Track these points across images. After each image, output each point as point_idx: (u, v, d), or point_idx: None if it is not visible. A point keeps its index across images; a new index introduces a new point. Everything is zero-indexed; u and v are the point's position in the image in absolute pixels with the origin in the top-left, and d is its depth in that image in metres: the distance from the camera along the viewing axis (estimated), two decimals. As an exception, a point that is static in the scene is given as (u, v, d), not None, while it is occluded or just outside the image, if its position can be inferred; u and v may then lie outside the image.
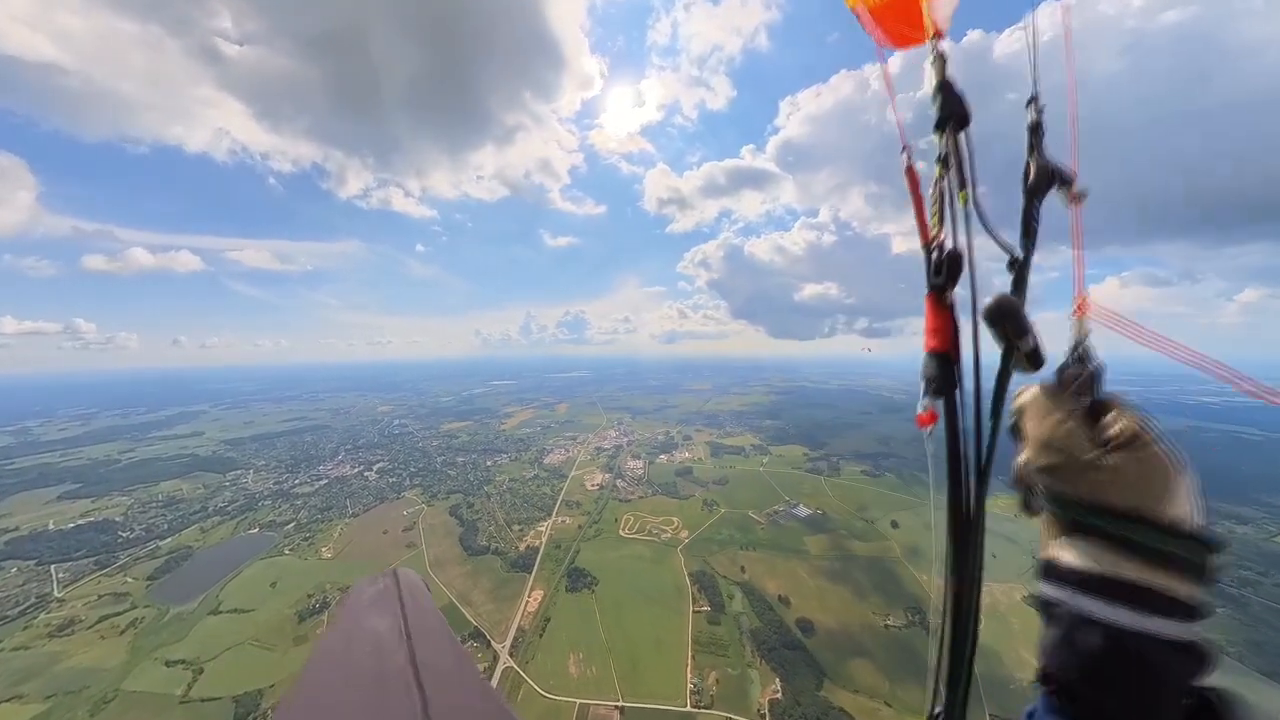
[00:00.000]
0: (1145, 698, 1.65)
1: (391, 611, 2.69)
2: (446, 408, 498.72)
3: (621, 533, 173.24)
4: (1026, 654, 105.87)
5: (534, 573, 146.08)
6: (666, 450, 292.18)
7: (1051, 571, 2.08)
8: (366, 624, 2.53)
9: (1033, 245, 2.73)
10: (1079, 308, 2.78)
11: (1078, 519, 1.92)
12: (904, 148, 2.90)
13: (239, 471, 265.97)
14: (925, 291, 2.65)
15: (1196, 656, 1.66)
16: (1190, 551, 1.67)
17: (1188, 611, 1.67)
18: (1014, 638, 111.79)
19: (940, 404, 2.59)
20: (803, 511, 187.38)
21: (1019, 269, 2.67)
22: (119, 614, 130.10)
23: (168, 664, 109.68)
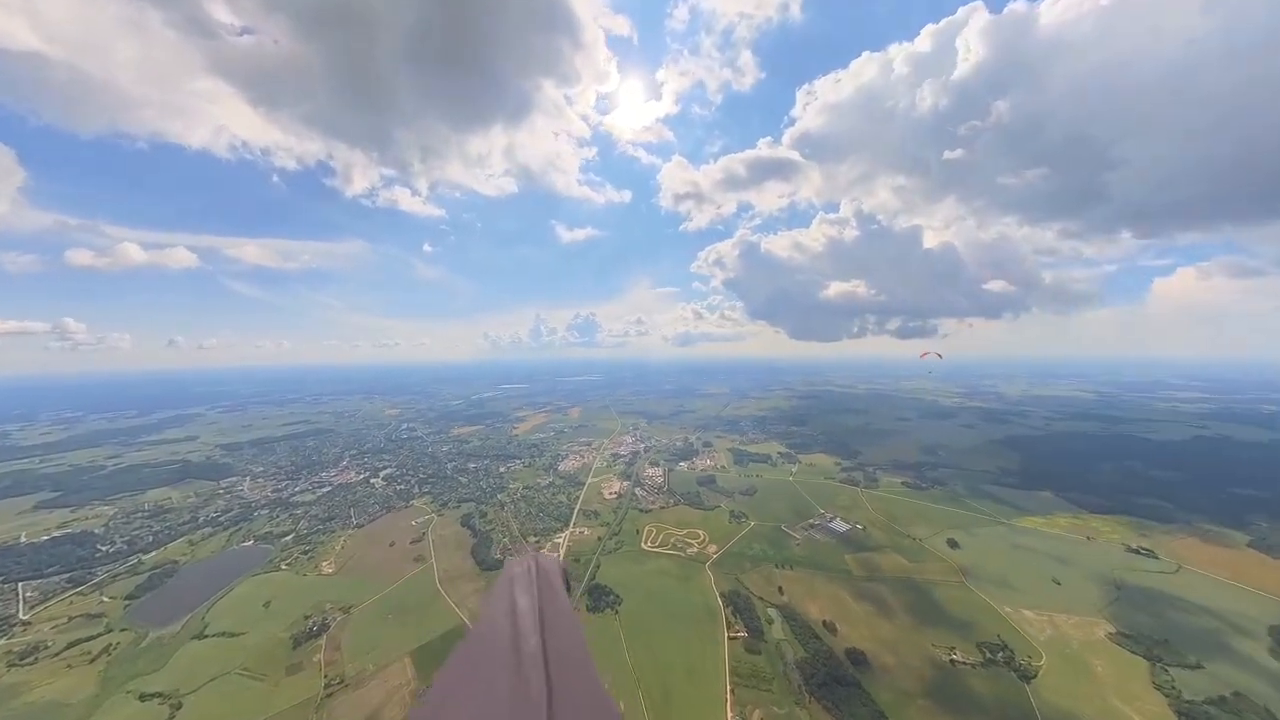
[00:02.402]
0: None
1: (530, 594, 3.20)
2: (456, 411, 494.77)
3: (644, 545, 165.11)
4: (1119, 702, 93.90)
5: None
6: (686, 457, 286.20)
7: None
8: (513, 601, 3.03)
9: None
10: None
11: None
12: None
13: (234, 478, 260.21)
14: None
15: None
16: None
17: None
18: (1099, 685, 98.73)
19: None
20: (840, 526, 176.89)
21: None
22: (91, 639, 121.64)
23: (142, 698, 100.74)
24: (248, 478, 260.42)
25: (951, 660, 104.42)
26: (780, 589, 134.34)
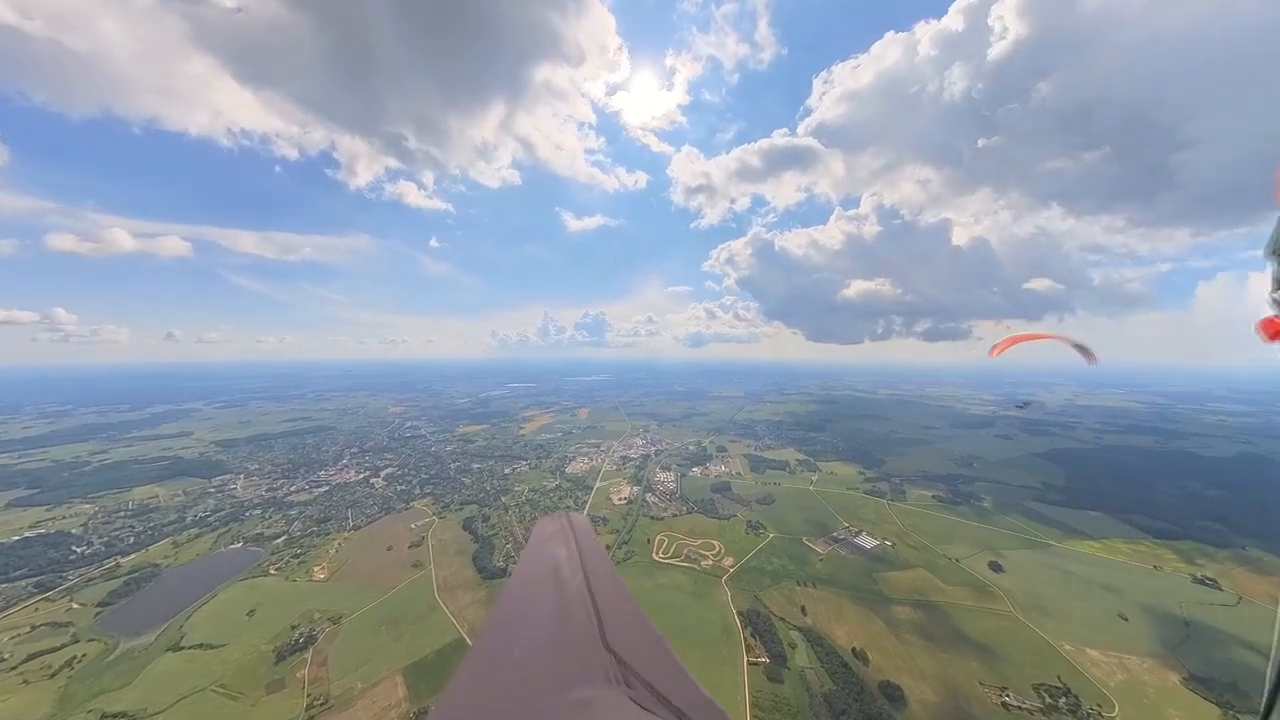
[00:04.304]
0: None
1: (567, 545, 3.57)
2: (462, 410, 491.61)
3: (656, 556, 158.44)
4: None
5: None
6: (699, 462, 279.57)
7: None
8: (550, 553, 3.40)
9: None
10: None
11: None
12: None
13: (227, 476, 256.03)
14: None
15: None
16: None
17: None
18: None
19: None
20: (867, 542, 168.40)
21: None
22: (54, 650, 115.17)
23: (104, 717, 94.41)
24: (242, 476, 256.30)
25: (1004, 703, 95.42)
26: (803, 609, 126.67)
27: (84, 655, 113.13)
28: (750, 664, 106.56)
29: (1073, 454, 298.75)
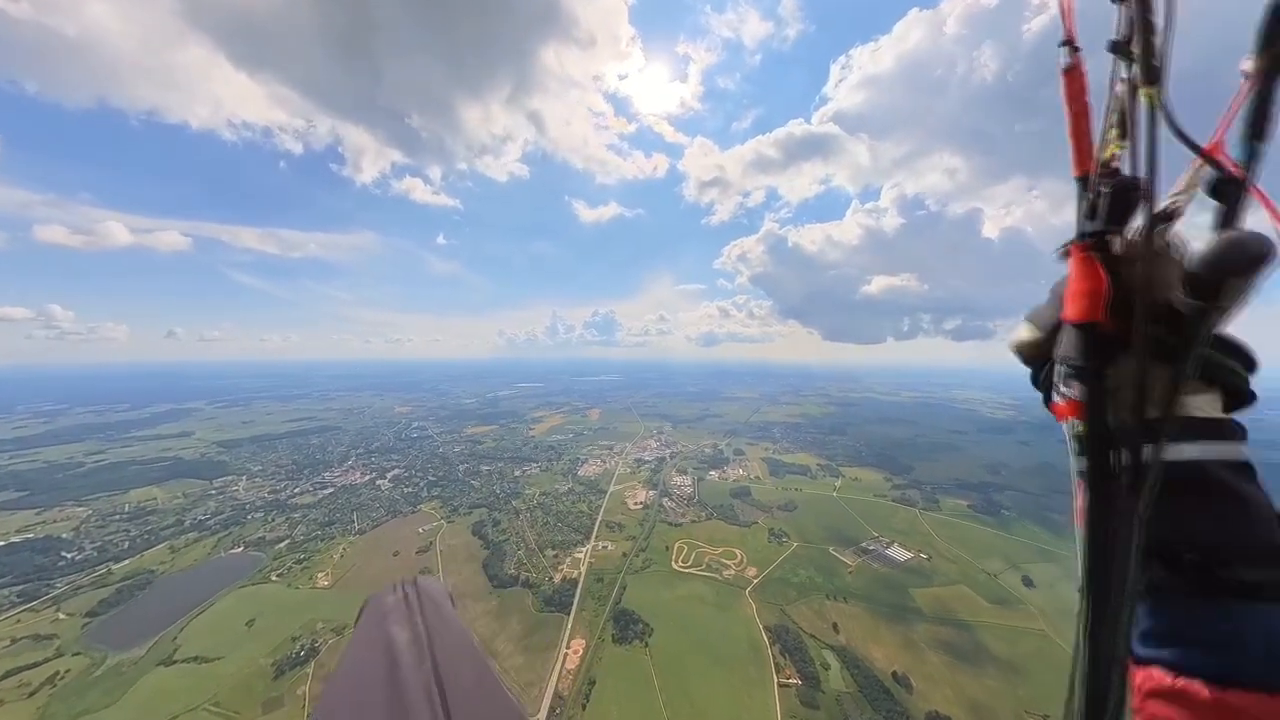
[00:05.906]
0: None
1: (411, 623, 2.72)
2: (470, 410, 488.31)
3: (675, 564, 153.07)
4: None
5: (573, 614, 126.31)
6: (716, 465, 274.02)
7: None
8: (386, 636, 2.53)
9: (1260, 156, 1.90)
10: None
11: None
12: (1066, 39, 2.16)
13: (229, 478, 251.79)
14: (1073, 240, 2.14)
15: None
16: None
17: None
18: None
19: (1084, 392, 2.08)
20: (899, 554, 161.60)
21: (1231, 194, 1.91)
22: (35, 665, 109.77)
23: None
24: (244, 477, 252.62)
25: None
26: (835, 626, 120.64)
27: (68, 671, 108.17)
28: (781, 685, 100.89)
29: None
